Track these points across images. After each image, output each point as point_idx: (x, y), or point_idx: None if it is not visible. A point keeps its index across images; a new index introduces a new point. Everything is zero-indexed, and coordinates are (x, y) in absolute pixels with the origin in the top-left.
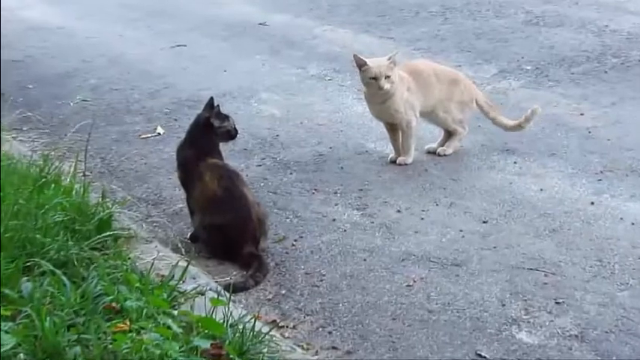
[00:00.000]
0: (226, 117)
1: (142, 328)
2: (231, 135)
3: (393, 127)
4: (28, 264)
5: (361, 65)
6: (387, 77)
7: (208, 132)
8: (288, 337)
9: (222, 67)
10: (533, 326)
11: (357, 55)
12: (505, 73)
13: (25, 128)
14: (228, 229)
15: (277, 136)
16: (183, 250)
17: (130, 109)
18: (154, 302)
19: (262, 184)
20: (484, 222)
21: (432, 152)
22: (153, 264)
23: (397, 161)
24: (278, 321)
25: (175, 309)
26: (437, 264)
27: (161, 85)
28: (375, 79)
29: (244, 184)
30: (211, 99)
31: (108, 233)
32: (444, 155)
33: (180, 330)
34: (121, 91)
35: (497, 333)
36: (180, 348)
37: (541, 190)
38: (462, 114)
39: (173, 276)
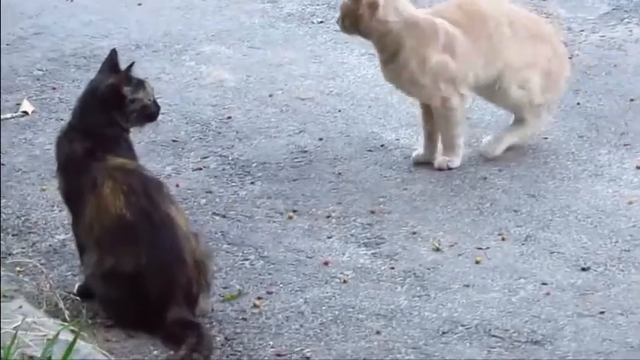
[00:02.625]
0: (140, 83)
1: None
2: (149, 113)
3: (427, 106)
4: None
5: None
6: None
7: (111, 109)
8: None
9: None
10: None
11: None
12: (622, 12)
13: None
14: (143, 279)
15: (229, 118)
16: (66, 313)
17: None
18: None
19: (203, 201)
20: (584, 269)
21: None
22: (16, 336)
23: (436, 164)
24: None
25: None
26: (502, 341)
27: (30, 29)
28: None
29: (171, 202)
30: (114, 52)
31: None
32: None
33: None
34: None
35: None
36: None
37: None
38: (545, 93)
39: (50, 358)
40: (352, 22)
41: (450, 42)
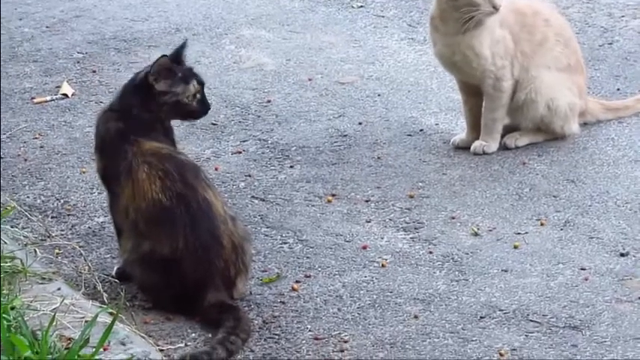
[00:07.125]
0: (184, 79)
1: None
2: (187, 111)
3: (470, 88)
4: None
5: None
6: None
7: (143, 97)
8: None
9: None
10: None
11: None
12: None
13: None
14: (180, 263)
15: (269, 102)
16: (104, 295)
17: (15, 52)
18: None
19: (243, 185)
20: (622, 255)
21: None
22: (54, 318)
23: (472, 148)
24: None
25: None
26: (540, 326)
27: (70, 11)
28: None
29: (208, 186)
30: (183, 43)
31: None
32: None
33: None
34: None
35: None
36: None
37: None
38: (565, 122)
39: (88, 339)
40: None
41: (512, 24)
